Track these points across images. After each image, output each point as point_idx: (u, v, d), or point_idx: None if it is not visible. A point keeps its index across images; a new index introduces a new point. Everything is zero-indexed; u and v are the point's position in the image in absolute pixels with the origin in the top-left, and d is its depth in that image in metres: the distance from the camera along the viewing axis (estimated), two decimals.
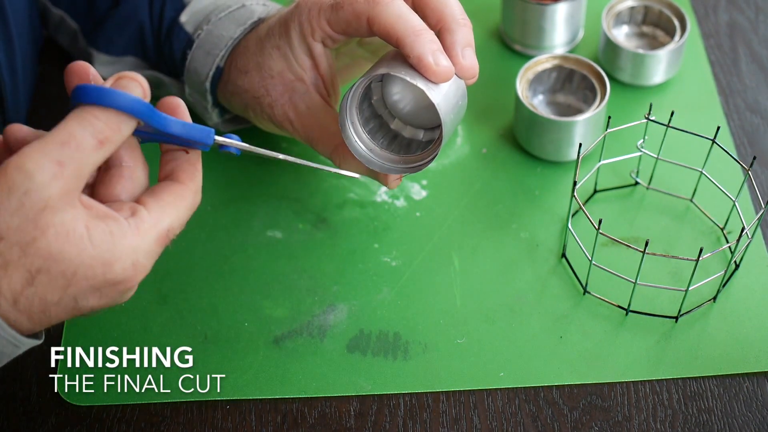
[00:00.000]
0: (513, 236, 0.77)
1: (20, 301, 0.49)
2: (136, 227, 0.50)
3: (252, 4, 0.73)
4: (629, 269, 0.71)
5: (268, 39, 0.68)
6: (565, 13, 0.86)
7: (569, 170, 0.81)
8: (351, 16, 0.63)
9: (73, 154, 0.48)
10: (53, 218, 0.47)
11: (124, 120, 0.49)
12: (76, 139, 0.48)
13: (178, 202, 0.53)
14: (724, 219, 0.76)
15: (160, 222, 0.52)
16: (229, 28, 0.72)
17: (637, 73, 0.85)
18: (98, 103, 0.49)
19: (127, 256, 0.50)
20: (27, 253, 0.47)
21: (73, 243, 0.48)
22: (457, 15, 0.62)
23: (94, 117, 0.48)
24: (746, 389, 0.69)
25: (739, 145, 0.83)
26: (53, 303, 0.49)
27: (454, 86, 0.62)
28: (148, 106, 0.50)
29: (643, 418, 0.68)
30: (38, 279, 0.48)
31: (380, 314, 0.72)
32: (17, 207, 0.47)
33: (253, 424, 0.68)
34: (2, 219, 0.47)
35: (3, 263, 0.47)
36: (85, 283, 0.49)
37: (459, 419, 0.68)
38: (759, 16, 0.93)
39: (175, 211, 0.53)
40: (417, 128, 0.68)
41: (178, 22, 0.75)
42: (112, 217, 0.50)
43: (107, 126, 0.49)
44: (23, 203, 0.47)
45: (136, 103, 0.49)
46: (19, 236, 0.47)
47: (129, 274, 0.51)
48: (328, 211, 0.78)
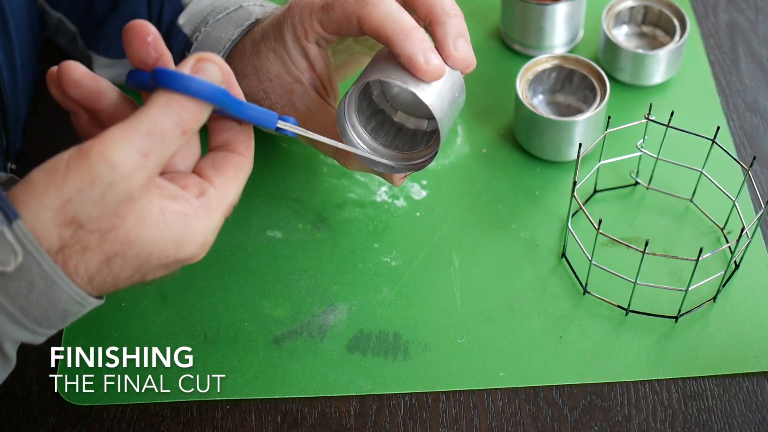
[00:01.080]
0: (513, 236, 0.77)
1: (95, 280, 0.50)
2: (206, 207, 0.51)
3: (249, 5, 0.73)
4: (629, 269, 0.71)
5: (264, 42, 0.68)
6: (565, 13, 0.86)
7: (569, 170, 0.81)
8: (341, 17, 0.63)
9: (157, 146, 0.48)
10: (133, 206, 0.48)
11: (205, 108, 0.49)
12: (162, 129, 0.48)
13: (240, 174, 0.54)
14: (724, 219, 0.76)
15: (225, 198, 0.52)
16: (226, 29, 0.72)
17: (637, 73, 0.85)
18: (183, 91, 0.48)
19: (198, 237, 0.51)
20: (106, 240, 0.48)
21: (149, 228, 0.49)
22: (447, 6, 0.62)
23: (181, 107, 0.48)
24: (746, 389, 0.69)
25: (739, 145, 0.83)
26: (125, 278, 0.51)
27: (449, 81, 0.62)
28: (226, 94, 0.50)
29: (643, 418, 0.68)
30: (114, 261, 0.49)
31: (380, 314, 0.73)
32: (99, 197, 0.47)
33: (253, 424, 0.68)
34: (83, 208, 0.47)
35: (81, 248, 0.48)
36: (156, 262, 0.50)
37: (459, 419, 0.68)
38: (759, 16, 0.93)
39: (236, 185, 0.53)
40: (420, 118, 0.68)
41: (177, 24, 0.75)
42: (183, 198, 0.50)
43: (192, 116, 0.49)
44: (105, 194, 0.47)
45: (219, 94, 0.49)
46: (99, 224, 0.48)
47: (198, 251, 0.52)
48: (328, 211, 0.78)
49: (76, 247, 0.48)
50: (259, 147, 0.81)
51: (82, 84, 0.52)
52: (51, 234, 0.47)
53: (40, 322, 0.50)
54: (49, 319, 0.50)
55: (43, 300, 0.49)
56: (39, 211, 0.47)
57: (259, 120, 0.54)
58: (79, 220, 0.47)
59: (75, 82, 0.52)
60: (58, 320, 0.51)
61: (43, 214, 0.47)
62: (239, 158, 0.54)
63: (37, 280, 0.48)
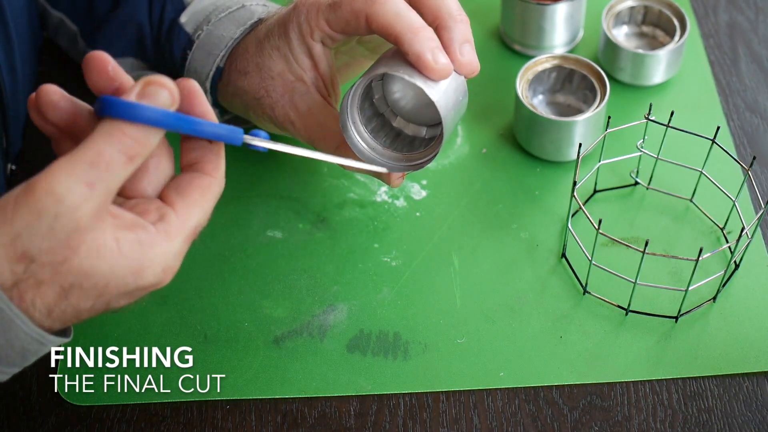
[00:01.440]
0: (513, 236, 0.77)
1: (54, 312, 0.49)
2: (165, 233, 0.50)
3: (252, 5, 0.73)
4: (629, 269, 0.71)
5: (268, 40, 0.68)
6: (565, 13, 0.86)
7: (569, 170, 0.81)
8: (349, 15, 0.63)
9: (102, 175, 0.47)
10: (84, 237, 0.47)
11: (153, 133, 0.49)
12: (106, 158, 0.47)
13: (206, 196, 0.52)
14: (724, 219, 0.76)
15: (187, 222, 0.51)
16: (229, 28, 0.72)
17: (637, 73, 0.85)
18: (127, 118, 0.47)
19: (157, 263, 0.50)
20: (59, 272, 0.48)
21: (104, 258, 0.48)
22: (454, 11, 0.62)
23: (123, 134, 0.48)
24: (746, 389, 0.69)
25: (739, 145, 0.83)
26: (86, 309, 0.50)
27: (454, 83, 0.62)
28: (177, 116, 0.49)
29: (643, 418, 0.68)
30: (71, 293, 0.49)
31: (380, 314, 0.73)
32: (48, 230, 0.46)
33: (253, 424, 0.68)
34: (33, 242, 0.47)
35: (36, 283, 0.48)
36: (116, 291, 0.50)
37: (459, 419, 0.68)
38: (759, 16, 0.93)
39: (201, 207, 0.52)
40: (419, 125, 0.68)
41: (179, 23, 0.75)
42: (140, 226, 0.49)
43: (137, 143, 0.48)
44: (53, 227, 0.46)
45: (165, 117, 0.48)
46: (50, 257, 0.47)
47: (160, 278, 0.51)
48: (328, 211, 0.78)
49: (30, 282, 0.48)
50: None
51: (60, 106, 0.51)
52: (3, 270, 0.47)
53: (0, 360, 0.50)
54: (8, 358, 0.50)
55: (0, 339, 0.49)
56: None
57: (221, 137, 0.52)
58: (30, 255, 0.47)
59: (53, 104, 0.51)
60: (18, 359, 0.50)
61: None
62: (206, 179, 0.53)
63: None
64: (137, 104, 0.48)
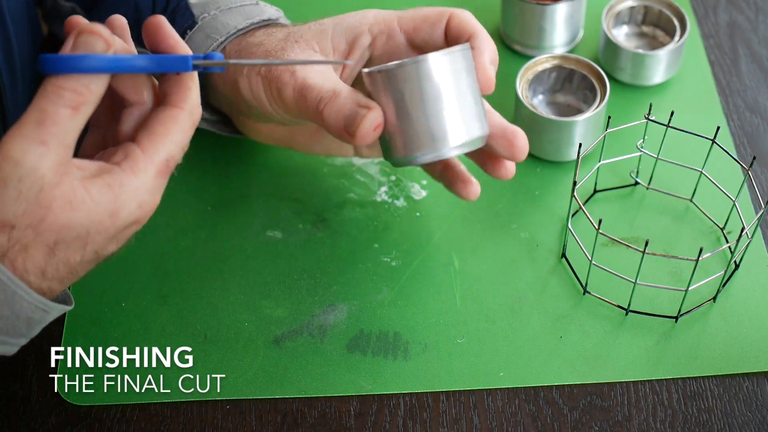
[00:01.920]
0: (513, 236, 0.77)
1: (48, 272, 0.51)
2: (131, 170, 0.51)
3: (265, 5, 0.73)
4: (629, 269, 0.71)
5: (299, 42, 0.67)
6: (565, 13, 0.86)
7: (569, 170, 0.81)
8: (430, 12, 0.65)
9: (51, 129, 0.48)
10: (53, 193, 0.49)
11: (91, 80, 0.49)
12: (50, 114, 0.48)
13: (172, 128, 0.53)
14: (724, 219, 0.76)
15: (155, 156, 0.52)
16: (237, 19, 0.71)
17: (637, 73, 0.85)
18: (64, 72, 0.49)
19: (130, 201, 0.51)
20: (40, 232, 0.49)
21: (77, 209, 0.50)
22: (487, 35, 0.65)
23: (60, 88, 0.49)
24: (746, 389, 0.69)
25: (739, 145, 0.83)
26: (77, 262, 0.51)
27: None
28: (111, 59, 0.50)
29: (643, 418, 0.68)
30: (58, 249, 0.50)
31: (380, 314, 0.73)
32: (16, 195, 0.48)
33: (253, 424, 0.68)
34: (8, 209, 0.48)
35: (22, 247, 0.49)
36: (99, 237, 0.51)
37: (459, 419, 0.68)
38: (759, 16, 0.93)
39: (170, 140, 0.53)
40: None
41: (187, 3, 0.74)
42: (105, 170, 0.51)
43: (76, 92, 0.49)
44: (20, 190, 0.48)
45: (97, 61, 0.49)
46: (28, 219, 0.49)
47: (137, 215, 0.52)
48: (328, 211, 0.78)
49: (17, 248, 0.49)
50: (259, 147, 0.82)
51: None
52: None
53: (6, 331, 0.51)
54: (15, 328, 0.51)
55: (5, 310, 0.50)
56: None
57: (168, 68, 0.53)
58: (9, 222, 0.48)
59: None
60: (24, 328, 0.52)
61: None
62: (171, 111, 0.53)
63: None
64: (66, 57, 0.49)
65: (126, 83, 0.54)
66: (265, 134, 0.75)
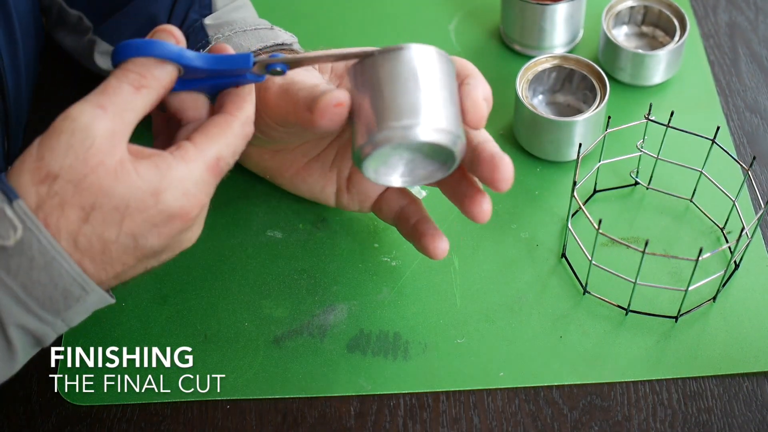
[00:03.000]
0: (513, 236, 0.77)
1: (80, 241, 0.51)
2: (180, 157, 0.53)
3: (279, 30, 0.74)
4: (629, 269, 0.71)
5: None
6: (565, 13, 0.86)
7: (569, 170, 0.81)
8: None
9: (111, 98, 0.51)
10: (101, 158, 0.50)
11: (156, 66, 0.53)
12: (112, 86, 0.52)
13: (225, 131, 0.55)
14: (724, 219, 0.76)
15: (206, 150, 0.54)
16: (250, 41, 0.72)
17: (637, 73, 0.85)
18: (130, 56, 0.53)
19: (176, 185, 0.52)
20: (79, 189, 0.50)
21: (121, 179, 0.51)
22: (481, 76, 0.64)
23: (126, 70, 0.53)
24: (746, 389, 0.69)
25: (739, 145, 0.83)
26: (112, 241, 0.52)
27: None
28: (176, 48, 0.54)
29: (643, 417, 0.68)
30: (93, 215, 0.51)
31: (380, 314, 0.73)
32: (66, 148, 0.50)
33: (253, 424, 0.68)
34: (55, 159, 0.50)
35: (59, 202, 0.50)
36: (138, 216, 0.51)
37: (459, 419, 0.68)
38: (759, 16, 0.93)
39: (222, 140, 0.55)
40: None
41: (202, 24, 0.75)
42: (157, 154, 0.53)
43: (140, 75, 0.53)
44: (71, 144, 0.50)
45: (163, 48, 0.53)
46: (71, 174, 0.50)
47: (181, 203, 0.53)
48: (328, 211, 0.78)
49: (54, 201, 0.50)
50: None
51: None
52: (29, 193, 0.50)
53: (43, 302, 0.51)
54: (52, 300, 0.51)
55: (43, 276, 0.50)
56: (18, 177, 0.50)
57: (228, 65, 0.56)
58: (53, 173, 0.50)
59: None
60: (61, 302, 0.52)
61: (21, 178, 0.50)
62: (225, 116, 0.56)
63: (36, 256, 0.50)
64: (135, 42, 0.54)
65: (186, 102, 0.57)
66: (255, 161, 0.75)
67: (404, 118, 0.55)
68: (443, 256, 0.68)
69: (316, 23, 0.93)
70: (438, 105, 0.56)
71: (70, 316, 0.53)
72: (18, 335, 0.52)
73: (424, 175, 0.60)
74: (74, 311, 0.53)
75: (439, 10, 0.94)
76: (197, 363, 0.70)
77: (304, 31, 0.78)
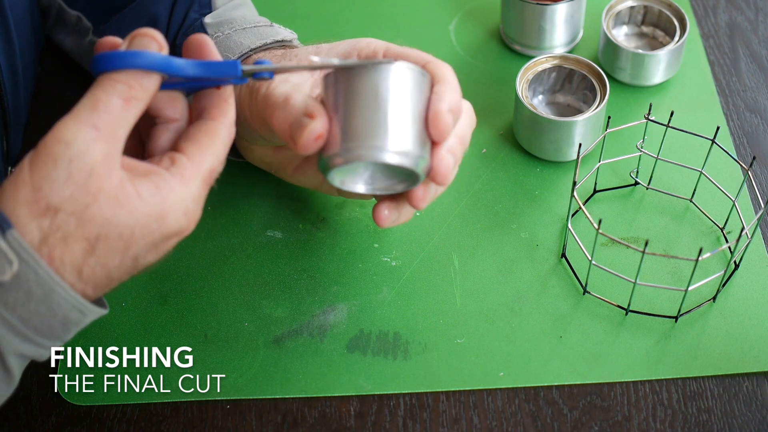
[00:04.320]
0: (513, 236, 0.77)
1: (84, 272, 0.50)
2: (180, 176, 0.52)
3: (279, 27, 0.74)
4: (629, 269, 0.71)
5: None
6: (565, 13, 0.86)
7: (569, 170, 0.81)
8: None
9: (104, 116, 0.49)
10: (101, 183, 0.49)
11: (144, 76, 0.51)
12: (102, 101, 0.50)
13: (214, 140, 0.54)
14: (724, 219, 0.76)
15: (201, 165, 0.53)
16: (250, 38, 0.72)
17: (637, 73, 0.85)
18: (115, 68, 0.51)
19: (178, 206, 0.51)
20: (83, 221, 0.49)
21: (124, 204, 0.49)
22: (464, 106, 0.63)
23: (114, 81, 0.51)
24: (746, 389, 0.69)
25: (739, 145, 0.83)
26: (115, 267, 0.51)
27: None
28: (164, 58, 0.52)
29: (643, 417, 0.68)
30: (98, 246, 0.50)
31: (380, 314, 0.73)
32: (66, 176, 0.48)
33: (253, 424, 0.68)
34: (54, 191, 0.48)
35: (62, 237, 0.49)
36: (143, 241, 0.51)
37: (459, 419, 0.68)
38: (759, 16, 0.93)
39: (213, 150, 0.54)
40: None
41: (202, 22, 0.75)
42: (154, 172, 0.51)
43: (128, 86, 0.51)
44: (70, 172, 0.48)
45: (150, 59, 0.51)
46: (73, 205, 0.48)
47: (183, 223, 0.52)
48: (328, 211, 0.78)
49: (58, 236, 0.48)
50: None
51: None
52: (31, 228, 0.48)
53: (42, 331, 0.50)
54: (51, 328, 0.50)
55: (42, 307, 0.49)
56: (14, 209, 0.48)
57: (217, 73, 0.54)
58: (54, 206, 0.48)
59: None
60: (59, 329, 0.51)
61: (18, 210, 0.48)
62: (212, 124, 0.55)
63: (34, 288, 0.48)
64: (122, 53, 0.51)
65: (164, 100, 0.56)
66: (258, 156, 0.75)
67: (373, 137, 0.57)
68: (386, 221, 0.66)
69: (316, 23, 0.93)
70: (406, 126, 0.58)
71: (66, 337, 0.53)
72: (17, 362, 0.51)
73: (388, 186, 0.62)
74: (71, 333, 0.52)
75: (439, 10, 0.94)
76: (197, 363, 0.70)
77: (304, 31, 0.78)
